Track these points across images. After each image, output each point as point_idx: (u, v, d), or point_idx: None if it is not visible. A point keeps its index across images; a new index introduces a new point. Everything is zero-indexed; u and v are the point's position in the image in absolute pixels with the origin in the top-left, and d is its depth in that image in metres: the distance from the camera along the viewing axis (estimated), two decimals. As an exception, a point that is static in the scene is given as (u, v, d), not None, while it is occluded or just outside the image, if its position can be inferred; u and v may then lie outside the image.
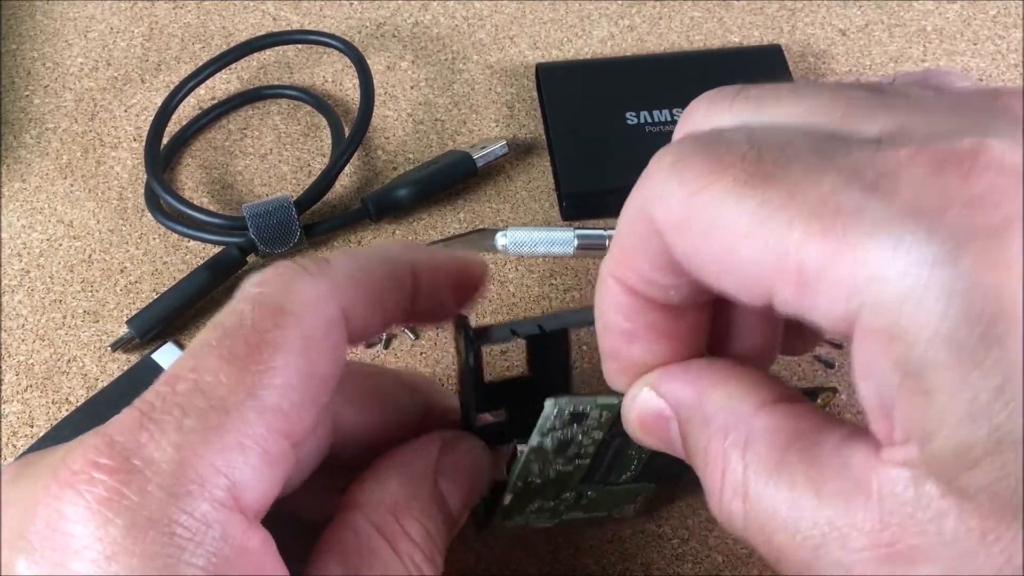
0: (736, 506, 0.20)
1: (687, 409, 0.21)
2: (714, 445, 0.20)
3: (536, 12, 0.45)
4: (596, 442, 0.26)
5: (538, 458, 0.25)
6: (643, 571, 0.30)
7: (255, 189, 0.39)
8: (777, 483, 0.19)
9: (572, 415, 0.24)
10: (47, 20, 0.45)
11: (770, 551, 0.19)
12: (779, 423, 0.20)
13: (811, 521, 0.18)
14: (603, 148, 0.39)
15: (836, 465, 0.18)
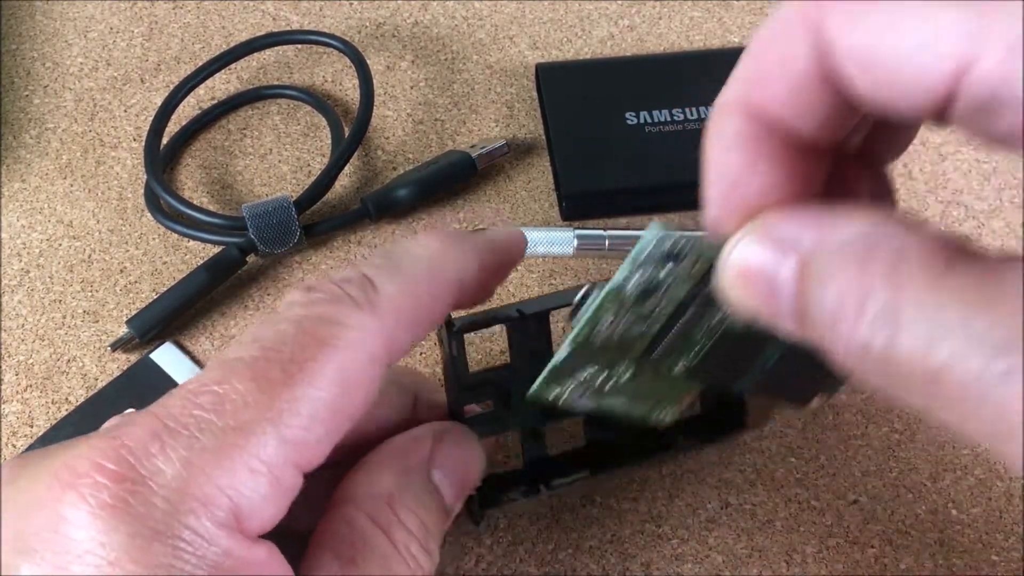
0: (880, 337, 0.17)
1: (812, 242, 0.18)
2: (850, 270, 0.17)
3: (536, 12, 0.45)
4: (675, 302, 0.24)
5: (615, 303, 0.24)
6: (643, 571, 0.30)
7: (255, 189, 0.39)
8: (943, 302, 0.16)
9: (668, 253, 0.23)
10: (47, 20, 0.45)
11: (923, 391, 0.17)
12: (936, 246, 0.17)
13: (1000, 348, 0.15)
14: (603, 148, 0.39)
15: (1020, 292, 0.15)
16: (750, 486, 0.32)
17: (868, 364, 0.17)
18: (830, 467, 0.32)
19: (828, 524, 0.31)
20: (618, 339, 0.25)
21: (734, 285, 0.20)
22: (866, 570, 0.30)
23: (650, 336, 0.25)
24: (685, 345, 0.26)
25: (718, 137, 0.21)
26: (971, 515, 0.32)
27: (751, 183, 0.21)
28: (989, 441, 0.16)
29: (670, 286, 0.24)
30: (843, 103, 0.20)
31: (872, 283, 0.17)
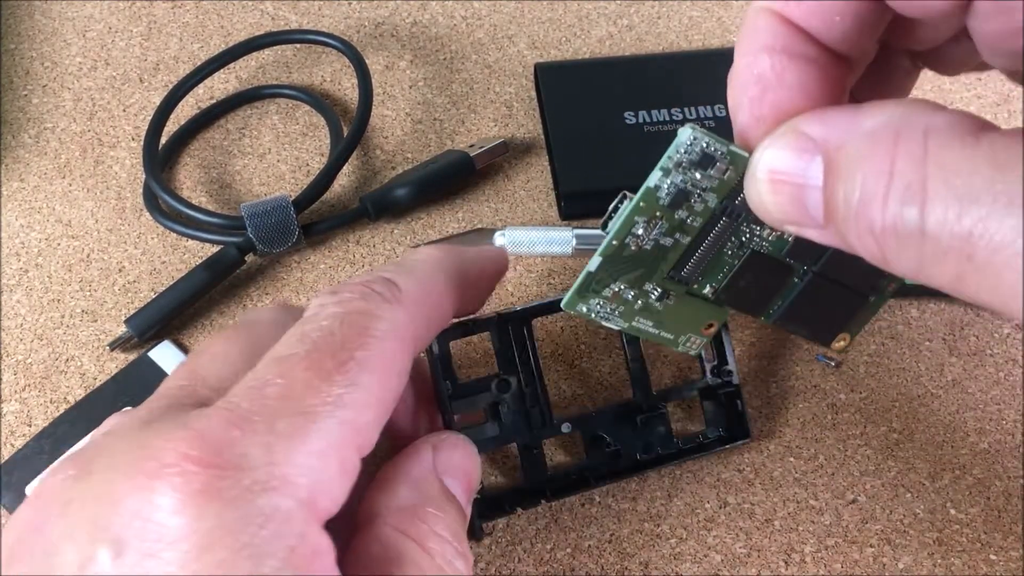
0: (910, 211, 0.17)
1: (840, 135, 0.19)
2: (878, 153, 0.17)
3: (535, 12, 0.45)
4: (706, 213, 0.24)
5: (648, 207, 0.24)
6: (641, 570, 0.30)
7: (253, 189, 0.39)
8: (975, 166, 0.16)
9: (702, 155, 0.23)
10: (46, 20, 0.45)
11: (954, 262, 0.17)
12: (964, 119, 0.17)
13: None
14: (602, 148, 0.39)
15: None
16: (748, 485, 0.32)
17: (898, 245, 0.17)
18: (829, 467, 0.32)
19: (827, 524, 0.31)
20: (650, 249, 0.25)
21: (762, 190, 0.20)
22: (864, 569, 0.30)
23: (681, 249, 0.25)
24: (714, 264, 0.26)
25: (749, 42, 0.21)
26: (969, 514, 0.32)
27: (781, 88, 0.21)
28: (1016, 306, 0.16)
29: (702, 193, 0.24)
30: (873, 4, 0.20)
31: (899, 161, 0.17)
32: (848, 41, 0.21)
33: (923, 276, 0.17)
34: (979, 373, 0.35)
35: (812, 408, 0.34)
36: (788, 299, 0.27)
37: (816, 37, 0.21)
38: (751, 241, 0.26)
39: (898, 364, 0.35)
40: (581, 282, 0.26)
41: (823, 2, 0.20)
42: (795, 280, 0.27)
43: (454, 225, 0.38)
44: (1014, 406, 0.34)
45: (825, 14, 0.20)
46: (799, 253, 0.26)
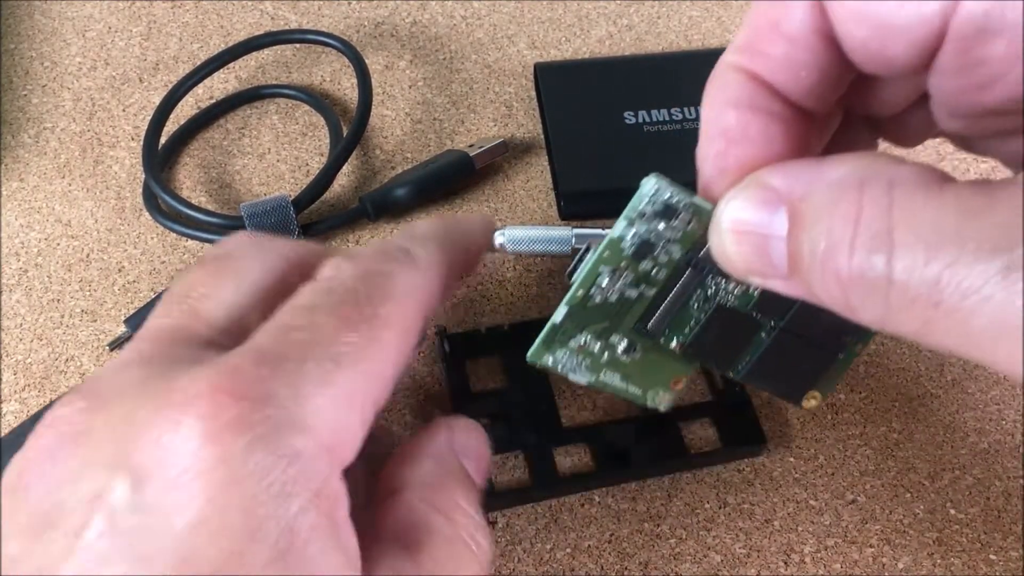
0: (876, 260, 0.17)
1: (804, 186, 0.19)
2: (842, 203, 0.18)
3: (534, 11, 0.45)
4: (671, 265, 0.25)
5: (612, 258, 0.24)
6: (641, 570, 0.30)
7: (253, 188, 0.39)
8: (940, 214, 0.16)
9: (664, 206, 0.23)
10: (45, 19, 0.45)
11: (921, 310, 0.17)
12: (927, 170, 0.17)
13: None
14: (601, 148, 0.39)
15: (1013, 200, 0.16)
16: (748, 485, 0.32)
17: (864, 293, 0.17)
18: (828, 466, 0.32)
19: (826, 524, 0.31)
20: (615, 301, 0.25)
21: (726, 242, 0.20)
22: (864, 570, 0.30)
23: (647, 301, 0.25)
24: (680, 318, 0.26)
25: (716, 97, 0.22)
26: (969, 514, 0.31)
27: (746, 143, 0.21)
28: (989, 352, 0.16)
29: (666, 244, 0.24)
30: (838, 61, 0.21)
31: (865, 210, 0.17)
32: (813, 97, 0.21)
33: (889, 324, 0.17)
34: (979, 373, 0.34)
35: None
36: (755, 355, 0.27)
37: (782, 92, 0.21)
38: (717, 295, 0.25)
39: (898, 364, 0.35)
40: (547, 333, 0.26)
41: (789, 57, 0.20)
42: (762, 335, 0.26)
43: (454, 225, 0.38)
44: (1014, 406, 0.34)
45: (791, 69, 0.21)
46: (765, 308, 0.26)
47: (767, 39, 0.21)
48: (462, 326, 0.35)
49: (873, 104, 0.23)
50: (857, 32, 0.19)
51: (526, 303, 0.36)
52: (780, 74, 0.21)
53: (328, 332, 0.20)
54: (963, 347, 0.16)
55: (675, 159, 0.39)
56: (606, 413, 0.33)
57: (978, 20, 0.18)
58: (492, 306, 0.36)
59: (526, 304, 0.36)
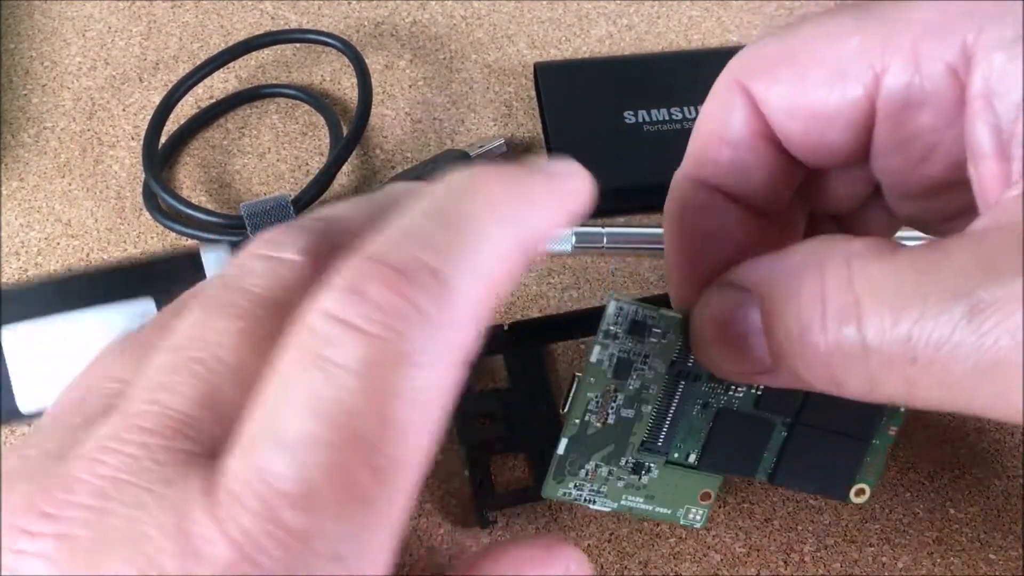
0: (848, 331, 0.17)
1: (771, 276, 0.19)
2: (808, 280, 0.18)
3: (534, 11, 0.45)
4: (659, 378, 0.25)
5: (596, 383, 0.24)
6: (641, 570, 0.30)
7: (253, 188, 0.39)
8: (898, 276, 0.17)
9: (631, 323, 0.24)
10: (45, 19, 0.45)
11: (901, 372, 0.17)
12: (879, 241, 0.18)
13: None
14: (601, 147, 0.39)
15: (963, 248, 0.16)
16: (748, 485, 0.32)
17: (846, 365, 0.18)
18: (828, 466, 0.32)
19: (826, 523, 0.31)
20: (614, 424, 0.25)
21: (708, 347, 0.21)
22: (864, 569, 0.30)
23: (647, 419, 0.25)
24: (687, 430, 0.26)
25: (675, 207, 0.22)
26: (969, 514, 0.32)
27: (709, 250, 0.22)
28: (974, 396, 0.16)
29: (647, 359, 0.24)
30: (783, 160, 0.21)
31: (828, 287, 0.18)
32: (765, 197, 0.22)
33: (877, 392, 0.18)
34: (979, 372, 0.35)
35: (812, 407, 0.34)
36: (776, 454, 0.27)
37: (735, 196, 0.22)
38: (717, 400, 0.26)
39: (898, 363, 0.35)
40: (554, 467, 0.26)
41: (735, 162, 0.21)
42: (778, 433, 0.26)
43: (454, 224, 0.38)
44: (1014, 405, 0.34)
45: (739, 173, 0.21)
46: (771, 405, 0.26)
47: (713, 147, 0.22)
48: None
49: (830, 201, 0.24)
50: (793, 126, 0.20)
51: (526, 303, 0.36)
52: (730, 179, 0.21)
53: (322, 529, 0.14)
54: (949, 398, 0.17)
55: (675, 159, 0.39)
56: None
57: (900, 94, 0.19)
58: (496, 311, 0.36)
59: (526, 304, 0.36)
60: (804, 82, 0.20)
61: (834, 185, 0.23)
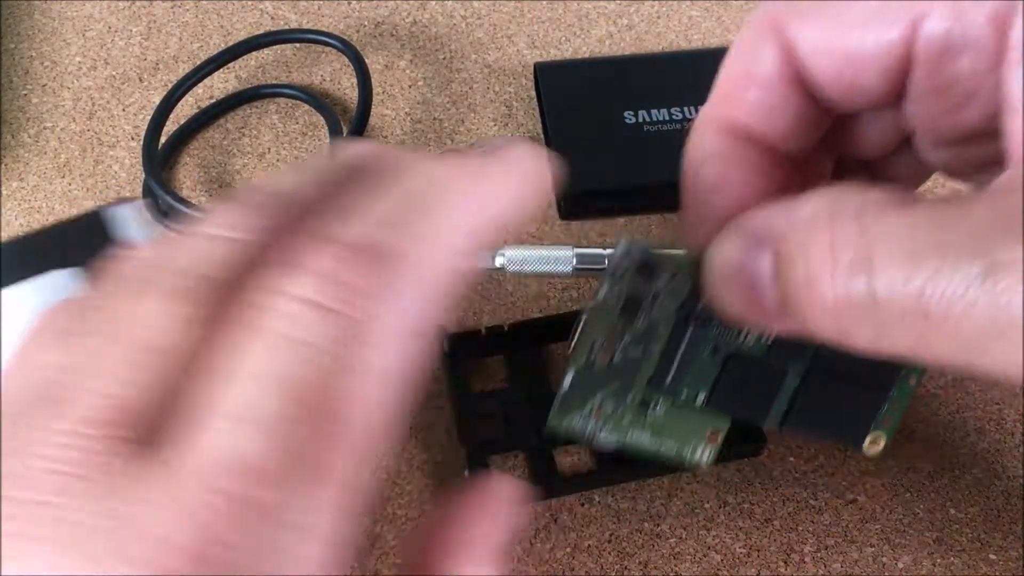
0: (859, 282, 0.17)
1: (784, 223, 0.19)
2: (819, 235, 0.18)
3: (534, 11, 0.45)
4: (669, 321, 0.25)
5: (601, 320, 0.24)
6: (641, 570, 0.30)
7: (253, 188, 0.39)
8: (914, 228, 0.17)
9: (641, 263, 0.24)
10: (45, 19, 0.45)
11: (910, 326, 0.17)
12: (895, 192, 0.18)
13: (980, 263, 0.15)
14: (601, 147, 0.39)
15: (983, 205, 0.16)
16: (748, 485, 0.32)
17: (853, 317, 0.18)
18: (828, 466, 0.32)
19: (826, 523, 0.31)
20: (620, 362, 0.25)
21: (718, 290, 0.21)
22: (864, 569, 0.30)
23: (654, 358, 0.25)
24: (696, 371, 0.26)
25: (695, 149, 0.22)
26: (969, 514, 0.31)
27: (726, 193, 0.21)
28: (984, 354, 0.16)
29: (656, 299, 0.24)
30: (811, 102, 0.21)
31: (838, 238, 0.18)
32: (791, 140, 0.22)
33: (884, 345, 0.18)
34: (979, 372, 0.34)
35: (812, 408, 0.34)
36: (787, 401, 0.26)
37: (759, 139, 0.22)
38: (727, 343, 0.25)
39: (898, 364, 0.35)
40: (559, 402, 0.26)
41: (763, 102, 0.21)
42: (790, 380, 0.26)
43: (454, 225, 0.38)
44: (1014, 406, 0.34)
45: (766, 114, 0.21)
46: (782, 351, 0.25)
47: (740, 86, 0.21)
48: (462, 326, 0.35)
49: (860, 147, 0.23)
50: (826, 67, 0.20)
51: (526, 303, 0.36)
52: (756, 119, 0.21)
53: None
54: (959, 355, 0.17)
55: (675, 159, 0.39)
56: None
57: (940, 40, 0.18)
58: (492, 306, 0.36)
59: (526, 304, 0.36)
60: (840, 23, 0.20)
61: (863, 131, 0.23)
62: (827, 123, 0.22)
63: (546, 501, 0.31)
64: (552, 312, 0.36)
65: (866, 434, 0.27)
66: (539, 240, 0.38)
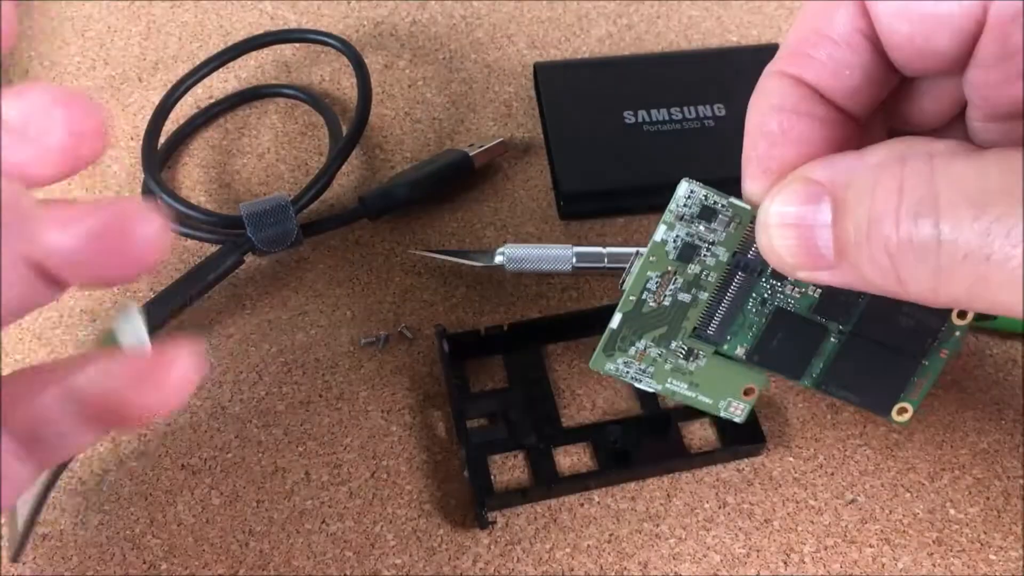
0: (924, 224, 0.17)
1: (846, 174, 0.19)
2: (887, 174, 0.18)
3: (534, 11, 0.45)
4: (720, 268, 0.25)
5: (657, 261, 0.25)
6: (640, 570, 0.30)
7: (252, 188, 0.39)
8: (984, 174, 0.17)
9: (701, 207, 0.24)
10: (45, 19, 0.45)
11: (972, 272, 0.17)
12: (963, 142, 0.18)
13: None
14: (601, 147, 0.39)
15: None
16: (748, 485, 0.32)
17: (915, 259, 0.18)
18: (828, 466, 0.32)
19: (826, 523, 0.31)
20: (669, 305, 0.25)
21: (773, 236, 0.21)
22: (863, 569, 0.30)
23: (702, 306, 0.26)
24: (740, 323, 0.26)
25: (760, 102, 0.22)
26: (969, 514, 0.31)
27: (788, 145, 0.22)
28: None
29: (711, 246, 0.24)
30: (881, 63, 0.21)
31: (907, 179, 0.18)
32: (856, 99, 0.22)
33: (940, 291, 0.18)
34: (979, 373, 0.34)
35: (811, 407, 0.34)
36: (826, 361, 0.26)
37: (826, 95, 0.22)
38: (774, 297, 0.25)
39: (898, 364, 0.35)
40: (605, 340, 0.26)
41: (834, 59, 0.21)
42: (831, 340, 0.26)
43: (453, 224, 0.38)
44: (1014, 406, 0.34)
45: (835, 70, 0.21)
46: (828, 310, 0.26)
47: (812, 42, 0.22)
48: (461, 326, 0.35)
49: (914, 115, 0.24)
50: (900, 28, 0.20)
51: (525, 303, 0.36)
52: (824, 76, 0.21)
53: None
54: (1014, 298, 0.17)
55: (675, 159, 0.39)
56: (606, 413, 0.33)
57: (1015, 5, 0.18)
58: (491, 306, 0.36)
59: (525, 304, 0.36)
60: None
61: (922, 98, 0.23)
62: (892, 84, 0.22)
63: (546, 501, 0.31)
64: (551, 312, 0.36)
65: (895, 402, 0.27)
66: (538, 239, 0.38)
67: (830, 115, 0.22)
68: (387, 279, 0.37)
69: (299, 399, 0.34)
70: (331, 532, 0.31)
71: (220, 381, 0.34)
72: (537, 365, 0.34)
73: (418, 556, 0.30)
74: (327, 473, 0.32)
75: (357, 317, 0.36)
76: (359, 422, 0.33)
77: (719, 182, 0.25)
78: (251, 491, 0.31)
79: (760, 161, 0.22)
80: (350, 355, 0.35)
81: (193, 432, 0.33)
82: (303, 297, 0.36)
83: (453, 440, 0.32)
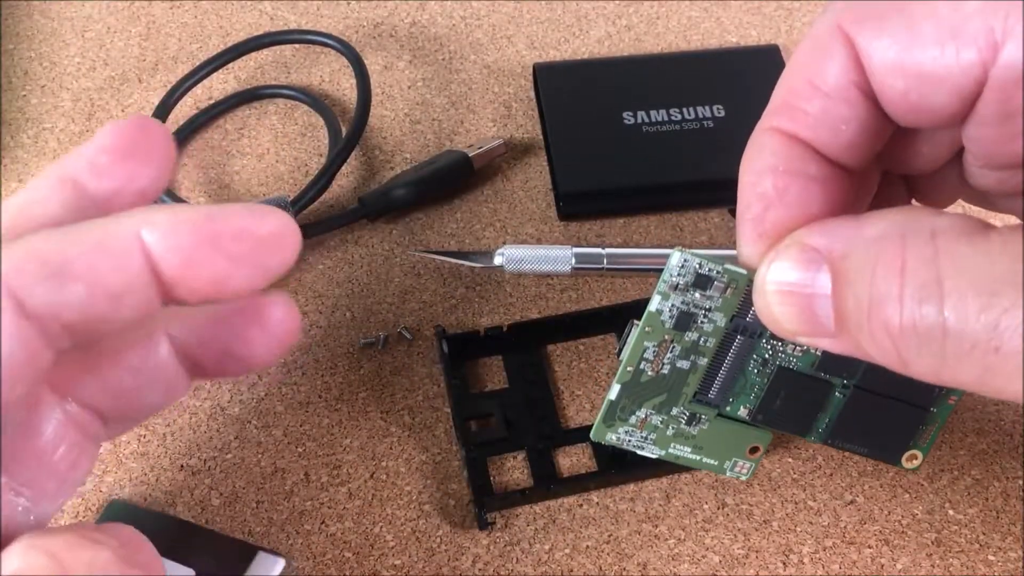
0: (928, 309, 0.17)
1: (845, 244, 0.19)
2: (888, 252, 0.17)
3: (533, 12, 0.45)
4: (718, 333, 0.25)
5: (654, 332, 0.24)
6: (640, 571, 0.30)
7: (252, 189, 0.39)
8: (992, 259, 0.16)
9: (696, 275, 0.23)
10: (44, 20, 0.45)
11: (979, 360, 0.17)
12: (968, 219, 0.17)
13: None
14: (600, 148, 0.39)
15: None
16: (747, 486, 0.32)
17: (918, 345, 0.17)
18: (827, 467, 0.32)
19: (825, 524, 0.31)
20: (668, 373, 0.25)
21: (771, 303, 0.20)
22: (862, 570, 0.30)
23: (701, 371, 0.25)
24: (742, 385, 0.26)
25: (752, 162, 0.22)
26: (968, 515, 0.31)
27: (783, 206, 0.21)
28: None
29: (708, 313, 0.24)
30: (876, 115, 0.21)
31: (909, 261, 0.17)
32: (852, 153, 0.21)
33: (945, 375, 0.17)
34: (978, 373, 0.34)
35: (811, 408, 0.34)
36: (832, 416, 0.26)
37: (820, 151, 0.21)
38: (775, 357, 0.25)
39: (897, 364, 0.35)
40: (605, 411, 0.26)
41: (827, 113, 0.20)
42: (836, 395, 0.26)
43: (453, 225, 0.38)
44: (1014, 406, 0.34)
45: (829, 125, 0.21)
46: (831, 366, 0.25)
47: (805, 95, 0.21)
48: (461, 327, 0.35)
49: (911, 161, 0.23)
50: (896, 84, 0.19)
51: (525, 303, 0.36)
52: (820, 132, 0.21)
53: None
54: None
55: (674, 159, 0.39)
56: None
57: (1018, 67, 0.18)
58: (491, 306, 0.36)
59: (525, 304, 0.36)
60: (914, 37, 0.19)
61: (919, 146, 0.23)
62: (888, 135, 0.22)
63: (545, 502, 0.31)
64: (551, 313, 0.36)
65: (904, 450, 0.27)
66: (538, 240, 0.38)
67: (826, 172, 0.21)
68: (386, 280, 0.37)
69: (298, 400, 0.34)
70: (330, 533, 0.31)
71: (220, 382, 0.34)
72: (537, 365, 0.34)
73: (417, 557, 0.30)
74: (326, 474, 0.32)
75: (356, 318, 0.36)
76: (358, 423, 0.33)
77: (719, 183, 0.25)
78: (251, 492, 0.32)
79: (755, 224, 0.22)
80: (349, 356, 0.35)
81: (193, 433, 0.33)
82: (302, 298, 0.36)
83: (452, 441, 0.32)
